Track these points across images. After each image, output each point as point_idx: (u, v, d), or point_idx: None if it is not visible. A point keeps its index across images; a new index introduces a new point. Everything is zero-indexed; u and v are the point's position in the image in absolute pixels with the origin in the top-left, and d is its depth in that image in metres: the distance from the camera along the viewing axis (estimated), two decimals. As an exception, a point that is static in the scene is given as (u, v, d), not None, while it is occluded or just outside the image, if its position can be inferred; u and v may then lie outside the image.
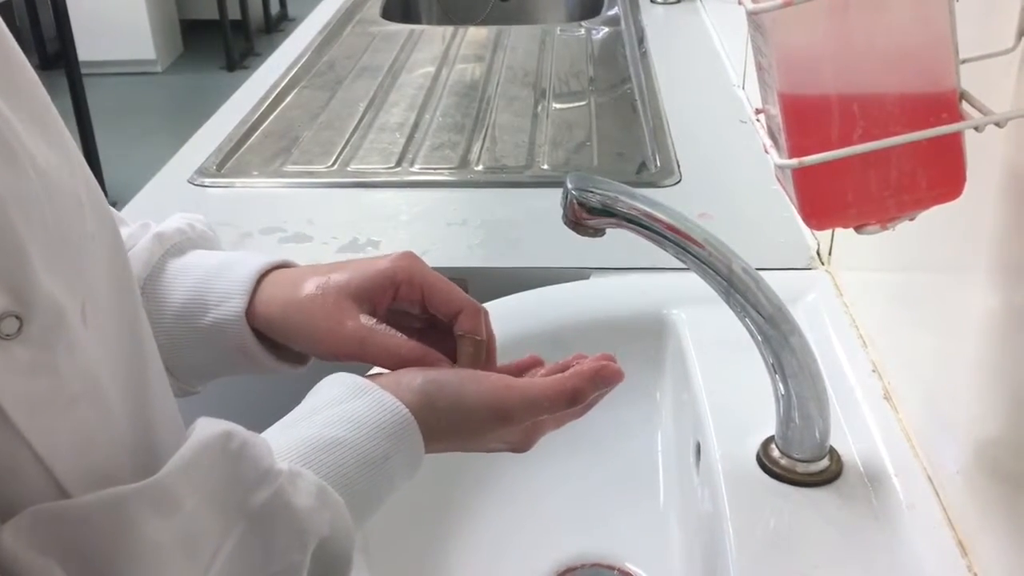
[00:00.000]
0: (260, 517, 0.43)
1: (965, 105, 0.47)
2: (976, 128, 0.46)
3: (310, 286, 0.58)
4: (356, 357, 0.57)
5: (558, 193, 0.62)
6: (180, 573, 0.40)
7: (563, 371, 0.56)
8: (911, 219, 0.50)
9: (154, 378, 0.48)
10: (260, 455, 0.45)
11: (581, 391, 0.54)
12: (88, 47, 3.72)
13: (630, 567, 0.79)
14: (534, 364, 0.59)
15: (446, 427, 0.53)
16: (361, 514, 0.50)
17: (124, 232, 0.61)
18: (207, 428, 0.44)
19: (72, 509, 0.38)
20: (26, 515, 0.37)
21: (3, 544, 0.37)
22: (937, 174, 0.48)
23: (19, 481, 0.38)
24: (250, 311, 0.58)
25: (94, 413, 0.41)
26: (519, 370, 0.59)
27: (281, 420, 0.52)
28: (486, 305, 0.59)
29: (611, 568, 0.79)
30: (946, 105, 0.47)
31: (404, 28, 1.80)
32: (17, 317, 0.37)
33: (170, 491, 0.41)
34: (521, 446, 0.58)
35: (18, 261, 0.37)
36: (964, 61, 0.47)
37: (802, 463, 0.66)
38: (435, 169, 1.21)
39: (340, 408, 0.51)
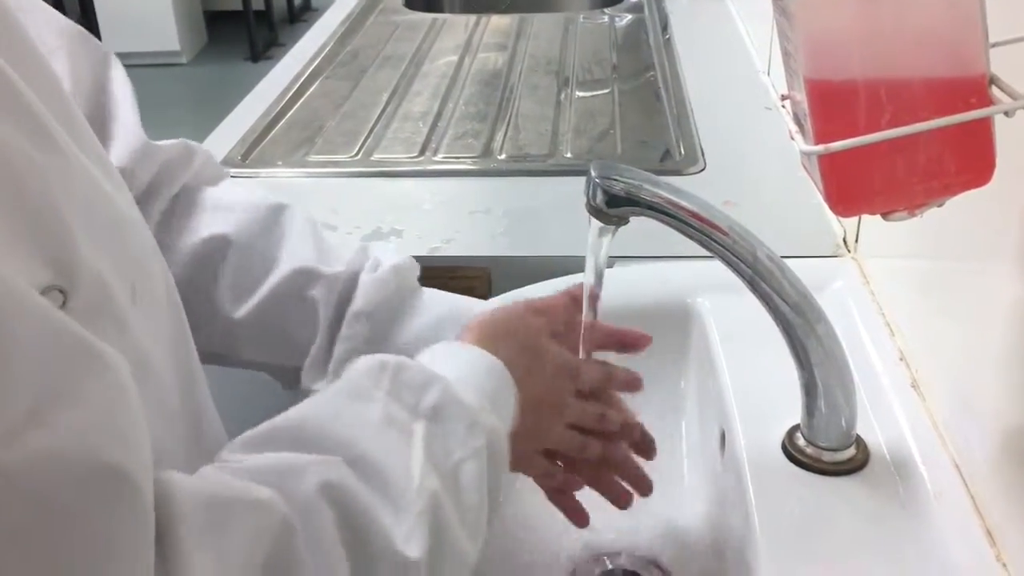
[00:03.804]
0: (436, 414, 0.50)
1: (995, 90, 0.46)
2: (1006, 113, 0.45)
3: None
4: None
5: (581, 181, 0.62)
6: (395, 443, 0.47)
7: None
8: (939, 205, 0.50)
9: (197, 363, 0.51)
10: (420, 366, 0.52)
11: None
12: (113, 39, 3.75)
13: (655, 554, 0.79)
14: None
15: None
16: None
17: (346, 254, 0.70)
18: (363, 359, 0.52)
19: (286, 420, 0.46)
20: (236, 441, 0.45)
21: (223, 456, 0.43)
22: (966, 160, 0.48)
23: None
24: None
25: (144, 388, 0.42)
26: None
27: None
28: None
29: (635, 555, 0.79)
30: (975, 90, 0.46)
31: (427, 17, 1.80)
32: (61, 291, 0.38)
33: (363, 385, 0.49)
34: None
35: (62, 238, 0.38)
36: (994, 45, 0.46)
37: (828, 452, 0.66)
38: (458, 158, 1.21)
39: (455, 360, 0.57)
